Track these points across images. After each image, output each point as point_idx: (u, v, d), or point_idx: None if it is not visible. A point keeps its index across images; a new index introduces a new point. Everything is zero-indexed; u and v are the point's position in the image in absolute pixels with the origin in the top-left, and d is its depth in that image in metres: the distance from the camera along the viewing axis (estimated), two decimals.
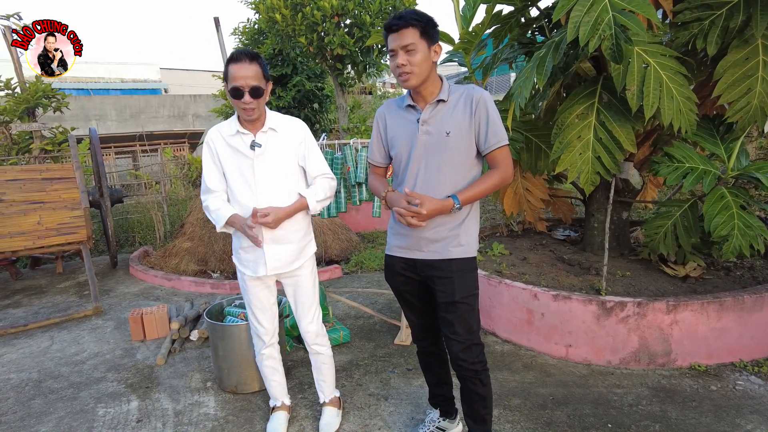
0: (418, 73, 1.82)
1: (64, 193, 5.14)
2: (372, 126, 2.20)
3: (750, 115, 2.95)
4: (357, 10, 7.37)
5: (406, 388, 2.88)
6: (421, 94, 1.92)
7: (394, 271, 2.11)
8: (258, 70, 2.07)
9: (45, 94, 7.84)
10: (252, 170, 2.17)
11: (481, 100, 1.87)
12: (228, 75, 2.07)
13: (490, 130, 1.88)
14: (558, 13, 2.67)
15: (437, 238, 1.95)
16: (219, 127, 2.24)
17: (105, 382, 3.17)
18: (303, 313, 2.42)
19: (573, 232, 4.63)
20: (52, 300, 5.03)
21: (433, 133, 1.90)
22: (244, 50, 2.08)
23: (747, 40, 2.88)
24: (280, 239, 2.24)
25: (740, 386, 2.73)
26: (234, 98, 2.06)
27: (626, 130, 3.01)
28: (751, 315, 2.92)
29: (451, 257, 1.95)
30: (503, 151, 1.91)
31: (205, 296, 4.80)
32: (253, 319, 2.44)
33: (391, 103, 2.10)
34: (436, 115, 1.91)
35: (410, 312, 2.20)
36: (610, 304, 2.95)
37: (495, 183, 1.91)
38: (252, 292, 2.35)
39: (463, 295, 1.93)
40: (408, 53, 1.79)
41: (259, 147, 2.17)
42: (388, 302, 4.35)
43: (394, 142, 2.02)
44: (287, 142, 2.23)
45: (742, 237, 2.92)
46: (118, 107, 17.05)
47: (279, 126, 2.22)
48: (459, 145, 1.89)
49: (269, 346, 2.48)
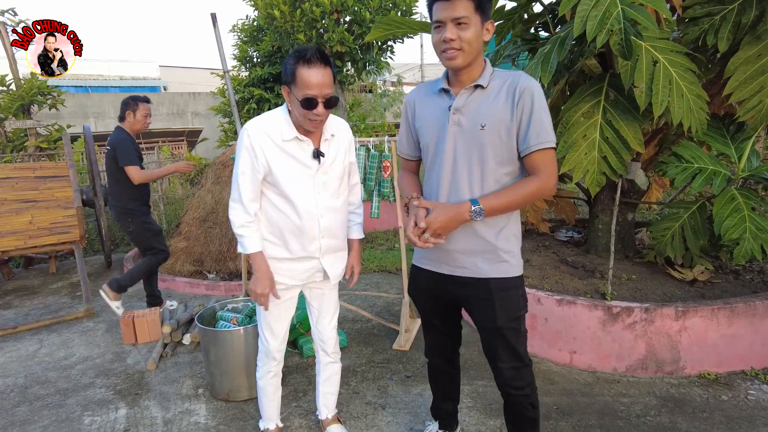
0: (468, 52, 1.55)
1: (58, 191, 5.04)
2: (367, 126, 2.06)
3: (762, 114, 2.84)
4: (356, 6, 7.26)
5: (405, 397, 2.78)
6: (459, 78, 1.64)
7: (419, 285, 1.89)
8: (332, 76, 1.80)
9: (40, 91, 7.75)
10: (312, 182, 1.93)
11: (527, 89, 1.56)
12: (296, 79, 1.74)
13: (533, 128, 1.56)
14: (564, 8, 2.57)
15: (467, 251, 1.67)
16: (264, 127, 1.87)
17: (93, 389, 3.06)
18: (327, 319, 2.24)
19: (576, 233, 4.52)
20: (44, 301, 4.92)
21: (466, 124, 1.62)
22: (316, 50, 1.75)
23: (760, 36, 2.78)
24: (335, 248, 2.09)
25: (752, 396, 2.62)
26: (304, 108, 1.75)
27: (634, 129, 2.90)
28: (763, 321, 2.82)
29: (487, 276, 1.67)
30: (546, 155, 1.58)
31: (200, 298, 4.70)
32: (267, 334, 2.16)
33: (422, 88, 1.83)
34: (471, 103, 1.62)
35: (428, 332, 2.00)
36: (617, 310, 2.84)
37: (530, 192, 1.58)
38: (276, 303, 2.08)
39: (507, 318, 1.67)
40: (459, 27, 1.52)
41: (323, 157, 1.93)
42: (387, 305, 4.25)
43: (422, 132, 1.76)
44: (342, 148, 2.02)
45: (753, 240, 2.81)
46: (116, 105, 16.89)
47: (336, 131, 1.99)
48: (495, 142, 1.59)
49: (279, 363, 2.26)
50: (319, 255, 2.03)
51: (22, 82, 7.72)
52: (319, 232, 1.99)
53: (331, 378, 2.36)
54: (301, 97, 1.74)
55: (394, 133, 10.85)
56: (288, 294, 2.11)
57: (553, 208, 4.55)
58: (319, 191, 1.96)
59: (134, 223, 3.87)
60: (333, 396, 2.41)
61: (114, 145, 3.80)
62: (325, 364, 2.33)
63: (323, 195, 1.97)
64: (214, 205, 5.90)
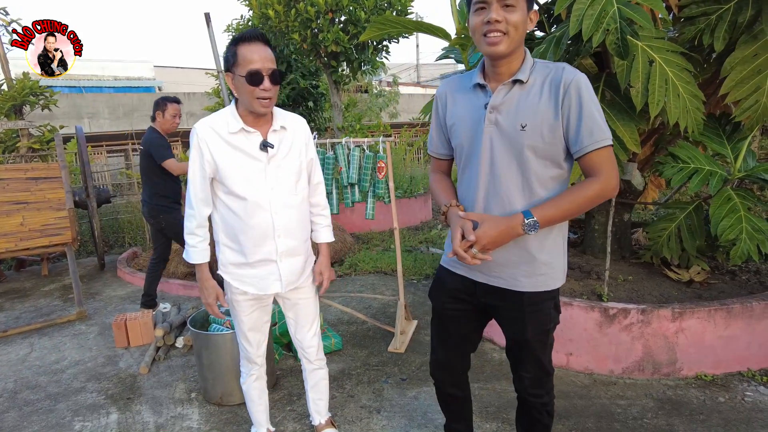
0: (513, 38, 1.40)
1: (49, 193, 4.98)
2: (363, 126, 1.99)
3: (758, 114, 2.83)
4: (352, 6, 7.21)
5: (400, 400, 2.75)
6: (498, 71, 1.48)
7: (444, 287, 1.72)
8: (273, 54, 1.78)
9: (32, 92, 7.66)
10: (264, 175, 1.86)
11: (573, 84, 1.40)
12: (238, 58, 1.72)
13: (584, 126, 1.40)
14: (560, 7, 2.54)
15: (505, 262, 1.53)
16: (210, 123, 1.84)
17: (84, 393, 3.02)
18: (306, 328, 2.16)
19: (572, 234, 4.50)
20: (35, 304, 4.87)
21: (504, 124, 1.46)
22: (254, 30, 1.74)
23: (756, 36, 2.76)
24: (294, 251, 1.99)
25: (749, 397, 2.61)
26: (250, 84, 1.72)
27: (630, 129, 2.88)
28: (760, 322, 2.80)
29: (521, 289, 1.54)
30: (604, 154, 1.42)
31: (194, 300, 4.66)
32: (244, 342, 2.13)
33: (454, 81, 1.66)
34: (510, 100, 1.47)
35: (440, 342, 1.80)
36: (613, 311, 2.82)
37: (591, 197, 1.42)
38: (246, 312, 2.04)
39: (536, 331, 1.57)
40: (505, 9, 1.38)
41: (272, 148, 1.86)
42: (383, 307, 4.22)
43: (454, 130, 1.59)
44: (296, 143, 1.95)
45: (750, 241, 2.80)
46: (110, 105, 16.82)
47: (288, 124, 1.93)
48: (537, 144, 1.44)
49: (261, 366, 2.22)
50: (276, 257, 1.93)
51: (14, 83, 7.63)
52: (274, 230, 1.90)
53: (319, 384, 2.30)
54: (245, 73, 1.72)
55: (389, 133, 10.80)
56: (259, 302, 2.04)
57: None
58: (272, 186, 1.88)
59: (165, 220, 3.99)
60: (323, 401, 2.35)
61: (146, 144, 3.93)
62: (310, 371, 2.26)
63: (277, 191, 1.89)
64: None
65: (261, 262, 1.94)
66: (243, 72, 1.72)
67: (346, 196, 3.61)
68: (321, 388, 2.31)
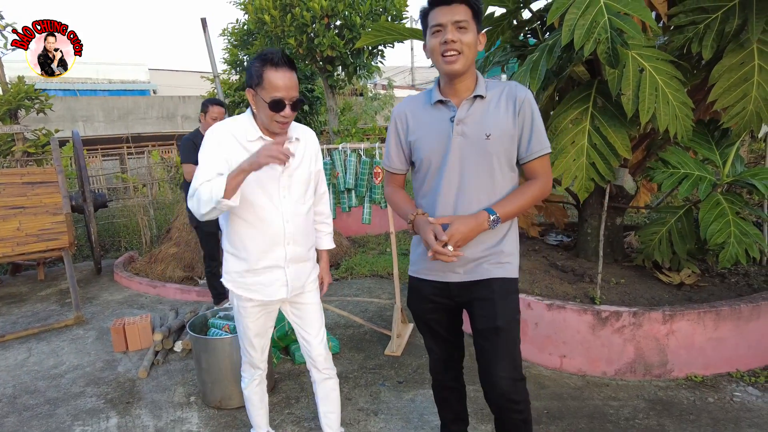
0: (467, 56, 1.58)
1: (46, 197, 4.99)
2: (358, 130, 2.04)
3: (746, 120, 2.90)
4: (347, 11, 7.28)
5: (397, 402, 2.79)
6: (456, 87, 1.66)
7: (422, 296, 1.85)
8: (297, 79, 1.81)
9: (27, 96, 7.67)
10: (277, 184, 1.90)
11: (526, 100, 1.64)
12: (264, 81, 1.75)
13: (535, 136, 1.65)
14: (552, 16, 2.60)
15: (474, 258, 1.71)
16: (229, 128, 1.87)
17: (83, 398, 3.04)
18: (314, 333, 2.14)
19: (566, 237, 4.56)
20: (32, 308, 4.87)
21: (471, 134, 1.64)
22: (280, 54, 1.77)
23: (742, 44, 2.83)
24: (300, 257, 2.01)
25: (738, 398, 2.67)
26: (271, 110, 1.77)
27: (621, 136, 2.94)
28: (748, 324, 2.87)
29: (491, 277, 1.71)
30: (545, 160, 1.69)
31: (191, 304, 4.68)
32: (248, 347, 2.13)
33: (413, 100, 1.81)
34: (474, 113, 1.65)
35: (434, 343, 1.95)
36: (606, 314, 2.88)
37: (535, 195, 1.68)
38: (252, 318, 2.04)
39: (506, 319, 1.70)
40: (460, 30, 1.56)
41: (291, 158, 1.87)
42: (379, 310, 4.26)
43: (419, 144, 1.74)
44: (307, 154, 2.00)
45: (738, 245, 2.87)
46: (105, 108, 16.79)
47: (301, 135, 1.99)
48: (500, 150, 1.64)
49: (263, 371, 2.23)
50: (284, 264, 1.96)
51: (9, 87, 7.64)
52: (284, 237, 1.93)
53: (329, 395, 2.23)
54: (268, 99, 1.75)
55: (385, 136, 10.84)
56: (265, 309, 2.06)
57: (542, 213, 4.59)
58: (284, 195, 1.92)
59: (195, 221, 4.09)
60: (335, 414, 2.26)
61: (180, 144, 4.04)
62: (320, 381, 2.22)
63: (287, 199, 1.93)
64: None
65: (267, 268, 1.96)
66: (266, 97, 1.76)
67: (343, 201, 3.65)
68: (332, 399, 2.23)
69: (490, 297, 1.71)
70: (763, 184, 2.94)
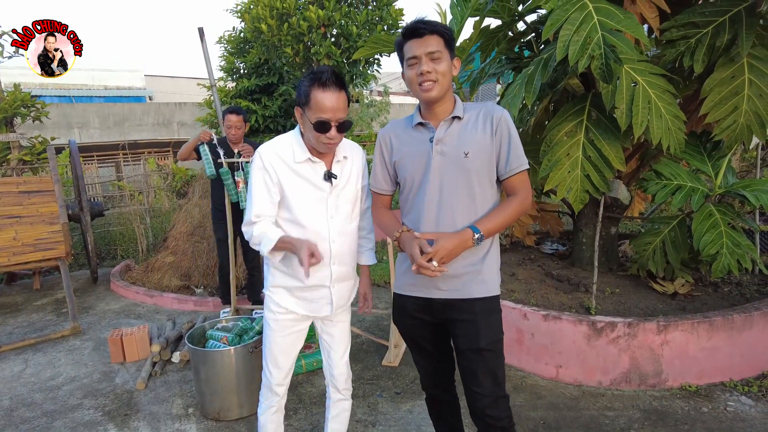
0: (442, 84, 1.67)
1: (42, 206, 4.99)
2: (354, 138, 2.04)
3: (737, 133, 2.95)
4: (343, 21, 7.32)
5: (395, 413, 2.80)
6: (434, 111, 1.75)
7: (406, 312, 1.88)
8: (346, 99, 1.79)
9: (24, 104, 7.66)
10: (325, 205, 1.89)
11: (502, 119, 1.71)
12: (311, 101, 1.74)
13: (512, 153, 1.71)
14: (547, 32, 2.64)
15: (456, 274, 1.74)
16: (275, 149, 1.87)
17: (81, 410, 3.04)
18: (340, 353, 2.11)
19: (561, 246, 4.60)
20: (28, 319, 4.86)
21: (449, 153, 1.71)
22: (330, 72, 1.75)
23: (733, 59, 2.89)
24: (346, 276, 2.01)
25: (731, 407, 2.70)
26: (317, 131, 1.75)
27: (615, 148, 2.99)
28: (741, 334, 2.91)
29: (473, 296, 1.74)
30: (523, 176, 1.74)
31: (188, 314, 4.68)
32: (271, 365, 2.03)
33: (396, 124, 1.89)
34: (452, 133, 1.73)
35: (422, 358, 1.97)
36: (601, 324, 2.91)
37: (516, 211, 1.72)
38: (284, 333, 2.00)
39: (489, 340, 1.72)
40: (434, 61, 1.65)
41: (335, 179, 1.89)
42: (376, 320, 4.28)
43: (402, 164, 1.81)
44: (355, 171, 1.98)
45: (730, 255, 2.91)
46: (101, 115, 16.77)
47: (349, 153, 1.96)
48: (479, 168, 1.70)
49: (282, 398, 2.11)
50: (329, 283, 1.95)
51: (5, 95, 7.63)
52: (330, 258, 1.91)
53: (341, 415, 2.20)
54: (314, 120, 1.75)
55: None
56: (298, 325, 2.03)
57: (538, 222, 4.63)
58: (332, 215, 1.91)
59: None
60: None
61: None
62: (335, 401, 2.17)
63: (336, 219, 1.92)
64: (202, 219, 5.89)
65: (314, 287, 1.95)
66: (312, 118, 1.75)
67: None
68: (342, 419, 2.21)
69: (472, 318, 1.73)
70: (754, 195, 2.99)
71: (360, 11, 7.40)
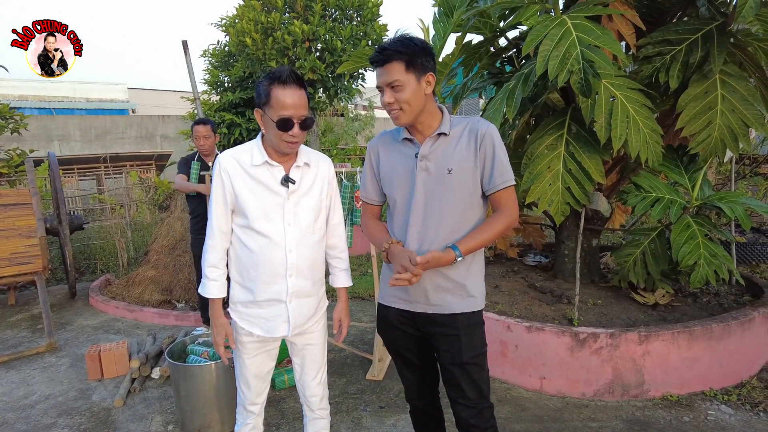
0: (409, 111, 1.66)
1: (19, 220, 4.88)
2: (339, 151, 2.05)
3: (711, 147, 3.03)
4: (328, 35, 7.39)
5: (379, 428, 2.77)
6: (418, 128, 1.74)
7: (390, 324, 1.87)
8: (307, 97, 1.76)
9: (1, 115, 7.53)
10: (281, 210, 1.82)
11: (487, 134, 1.69)
12: (271, 100, 1.71)
13: (497, 168, 1.69)
14: (527, 47, 2.70)
15: (440, 289, 1.74)
16: (234, 154, 1.84)
17: (55, 429, 2.94)
18: (311, 376, 2.03)
19: (544, 258, 4.65)
20: (2, 335, 4.71)
21: (433, 170, 1.71)
22: (289, 71, 1.73)
23: (706, 75, 2.97)
24: (305, 292, 1.91)
25: (712, 416, 2.73)
26: (279, 129, 1.72)
27: (595, 161, 3.04)
28: (720, 343, 2.95)
29: (455, 312, 1.74)
30: (509, 192, 1.72)
31: (169, 329, 4.59)
32: (244, 388, 1.98)
33: (385, 136, 1.89)
34: (437, 149, 1.71)
35: (406, 369, 1.95)
36: (583, 336, 2.93)
37: (500, 228, 1.69)
38: (251, 355, 1.93)
39: (471, 354, 1.72)
40: (394, 90, 1.63)
41: (293, 184, 1.83)
42: (360, 334, 4.25)
43: (388, 178, 1.82)
44: (318, 180, 1.92)
45: (708, 266, 2.96)
46: (82, 127, 16.55)
47: (311, 160, 1.91)
48: (462, 184, 1.70)
49: (258, 415, 2.05)
50: (285, 298, 1.85)
51: None
52: (286, 269, 1.83)
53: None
54: (276, 118, 1.71)
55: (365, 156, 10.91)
56: (265, 346, 1.95)
57: (521, 234, 4.67)
58: (290, 222, 1.83)
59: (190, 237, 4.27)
60: None
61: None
62: (311, 419, 2.11)
63: (294, 227, 1.84)
64: (184, 233, 5.82)
65: (270, 301, 1.87)
66: (274, 116, 1.72)
67: None
68: None
69: (455, 333, 1.73)
70: (729, 207, 3.06)
71: (344, 26, 7.48)
